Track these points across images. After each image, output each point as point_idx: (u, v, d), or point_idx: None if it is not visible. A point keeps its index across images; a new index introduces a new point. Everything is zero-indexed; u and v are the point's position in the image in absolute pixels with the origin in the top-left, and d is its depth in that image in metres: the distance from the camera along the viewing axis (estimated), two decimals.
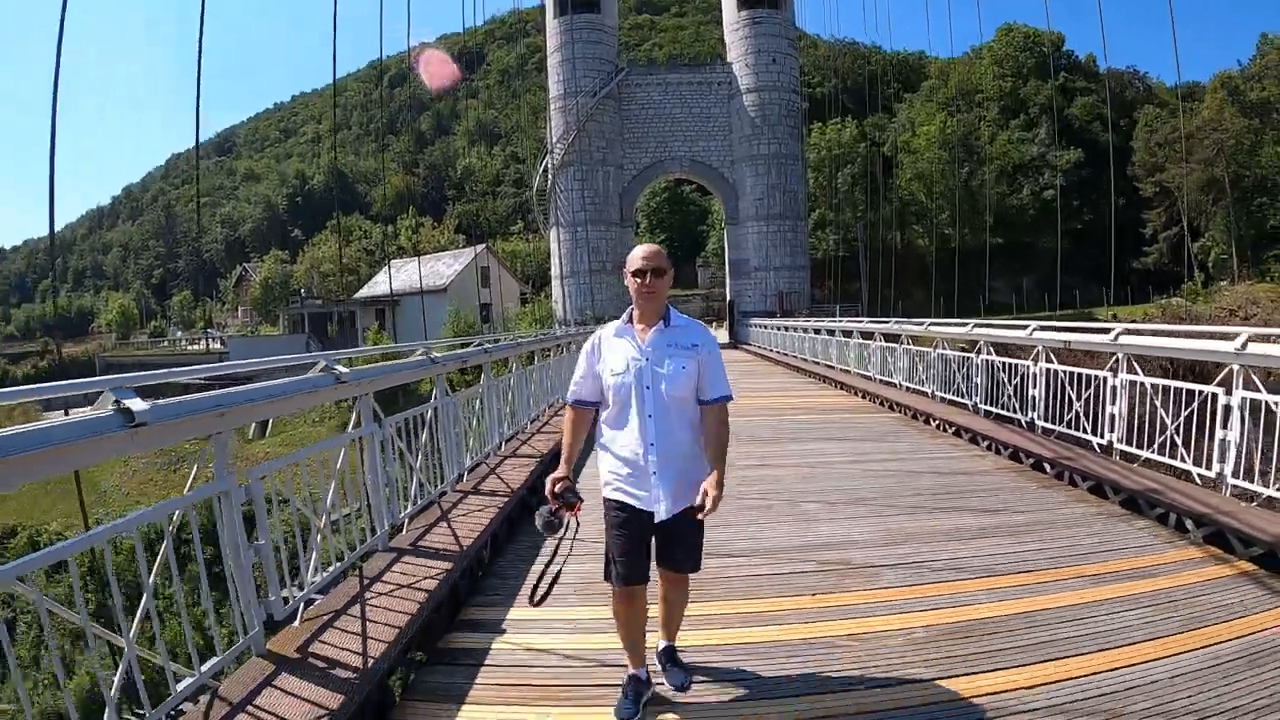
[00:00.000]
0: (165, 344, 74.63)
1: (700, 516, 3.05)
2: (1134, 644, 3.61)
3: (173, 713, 2.91)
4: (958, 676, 3.39)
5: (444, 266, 53.88)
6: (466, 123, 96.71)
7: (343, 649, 3.49)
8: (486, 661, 3.75)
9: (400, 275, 53.99)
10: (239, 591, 3.40)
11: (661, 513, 3.13)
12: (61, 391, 3.19)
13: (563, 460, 3.29)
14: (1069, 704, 3.14)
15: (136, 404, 2.89)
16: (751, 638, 3.91)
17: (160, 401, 3.11)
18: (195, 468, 3.51)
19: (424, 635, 3.95)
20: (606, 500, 3.26)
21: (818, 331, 20.19)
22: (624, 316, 3.31)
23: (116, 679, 2.69)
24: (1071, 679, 3.33)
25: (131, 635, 2.71)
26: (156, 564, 3.00)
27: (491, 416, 8.26)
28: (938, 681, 3.36)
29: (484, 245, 56.91)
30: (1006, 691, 3.25)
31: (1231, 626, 3.76)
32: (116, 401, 2.92)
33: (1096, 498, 6.38)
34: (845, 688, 3.37)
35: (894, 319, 14.95)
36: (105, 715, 2.60)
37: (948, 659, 3.56)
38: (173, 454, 33.89)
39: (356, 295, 57.84)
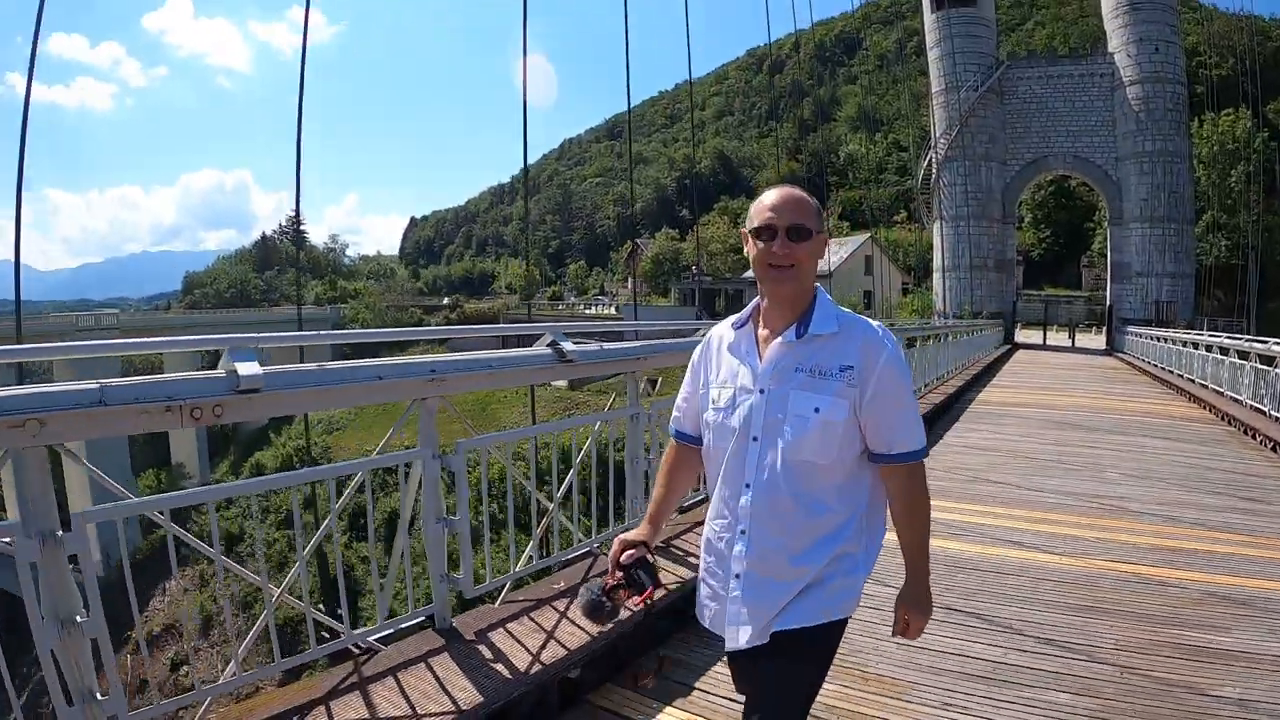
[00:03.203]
0: (562, 306, 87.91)
1: (896, 635, 2.18)
2: None
3: (359, 650, 3.48)
4: None
5: (829, 252, 57.28)
6: (847, 109, 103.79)
7: (524, 640, 3.57)
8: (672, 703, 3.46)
9: None
10: (430, 562, 3.70)
11: (737, 640, 2.11)
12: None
13: (646, 517, 2.38)
14: None
15: (567, 345, 4.26)
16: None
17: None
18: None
19: (610, 654, 3.73)
20: None
21: (1184, 344, 20.17)
22: (746, 310, 2.21)
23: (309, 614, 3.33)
24: None
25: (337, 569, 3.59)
26: (406, 512, 3.77)
27: None
28: None
29: (869, 235, 63.60)
30: None
31: None
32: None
33: None
34: None
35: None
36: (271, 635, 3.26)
37: None
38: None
39: (745, 274, 63.39)
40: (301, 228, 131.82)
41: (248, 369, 2.97)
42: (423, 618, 3.80)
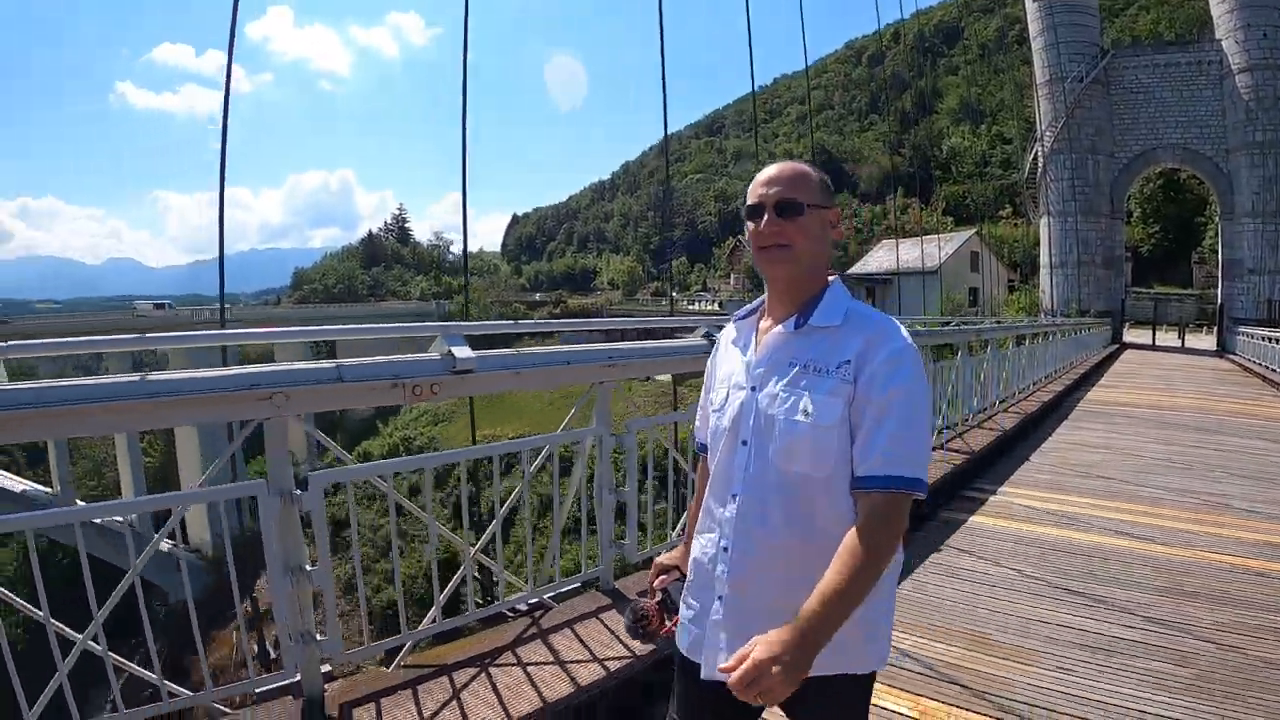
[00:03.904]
0: (664, 302, 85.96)
1: (729, 680, 1.55)
2: None
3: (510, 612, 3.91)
4: None
5: (934, 249, 54.56)
6: (949, 101, 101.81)
7: None
8: None
9: (890, 255, 60.50)
10: (600, 528, 3.98)
11: (713, 672, 1.83)
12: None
13: (686, 532, 2.24)
14: None
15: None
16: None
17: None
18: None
19: None
20: None
21: None
22: (756, 301, 2.04)
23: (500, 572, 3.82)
24: None
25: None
26: (578, 482, 4.26)
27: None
28: None
29: (974, 231, 62.59)
30: None
31: None
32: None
33: None
34: None
35: None
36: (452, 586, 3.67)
37: None
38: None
39: (849, 272, 63.75)
40: (406, 225, 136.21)
41: (462, 352, 3.45)
42: (588, 579, 4.30)
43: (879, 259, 65.19)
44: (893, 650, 3.87)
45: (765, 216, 1.83)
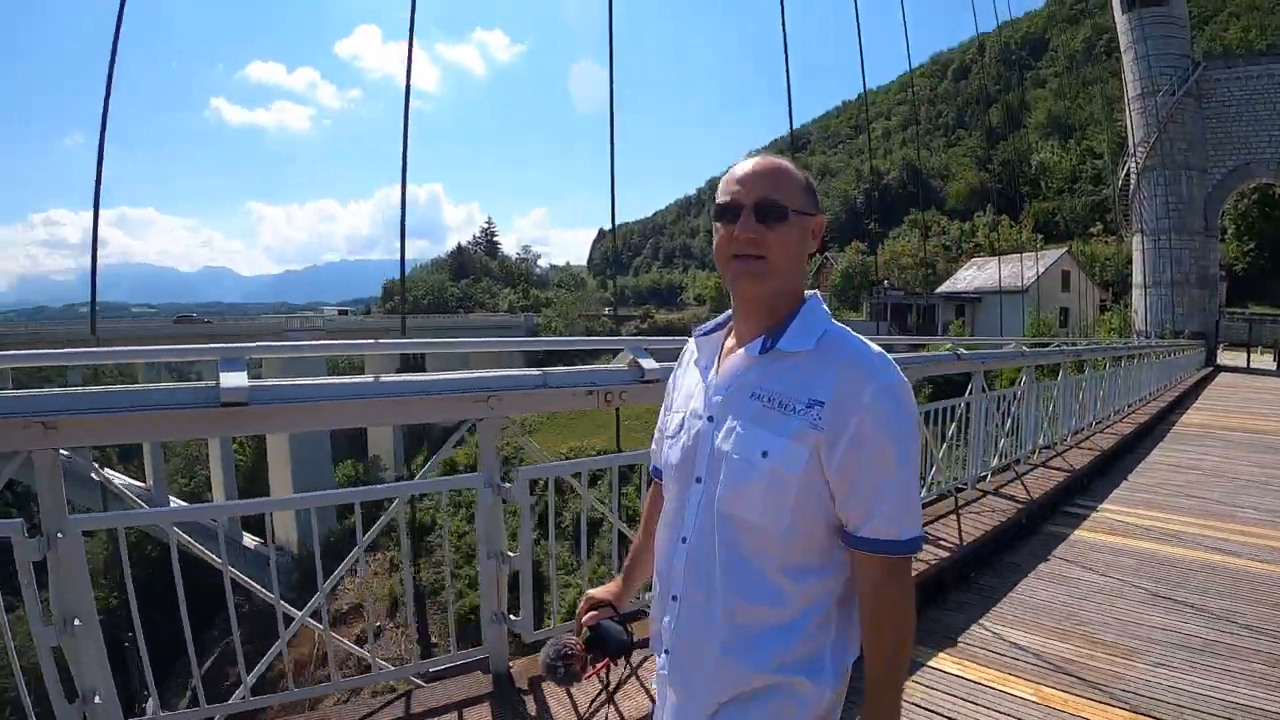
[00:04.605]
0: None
1: None
2: None
3: None
4: None
5: (1024, 267, 53.15)
6: (1037, 115, 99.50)
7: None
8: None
9: (980, 273, 60.96)
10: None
11: None
12: (590, 344, 5.94)
13: (625, 566, 2.10)
14: None
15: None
16: None
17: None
18: None
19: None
20: None
21: None
22: (724, 315, 1.80)
23: None
24: None
25: None
26: None
27: (1029, 420, 9.20)
28: None
29: (1065, 250, 61.30)
30: None
31: None
32: (634, 360, 4.12)
33: None
34: None
35: None
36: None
37: None
38: None
39: (938, 290, 65.32)
40: (495, 238, 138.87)
41: (649, 364, 3.82)
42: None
43: (968, 277, 64.84)
44: (1013, 645, 4.51)
45: (741, 219, 1.58)
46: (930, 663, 4.31)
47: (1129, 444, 11.91)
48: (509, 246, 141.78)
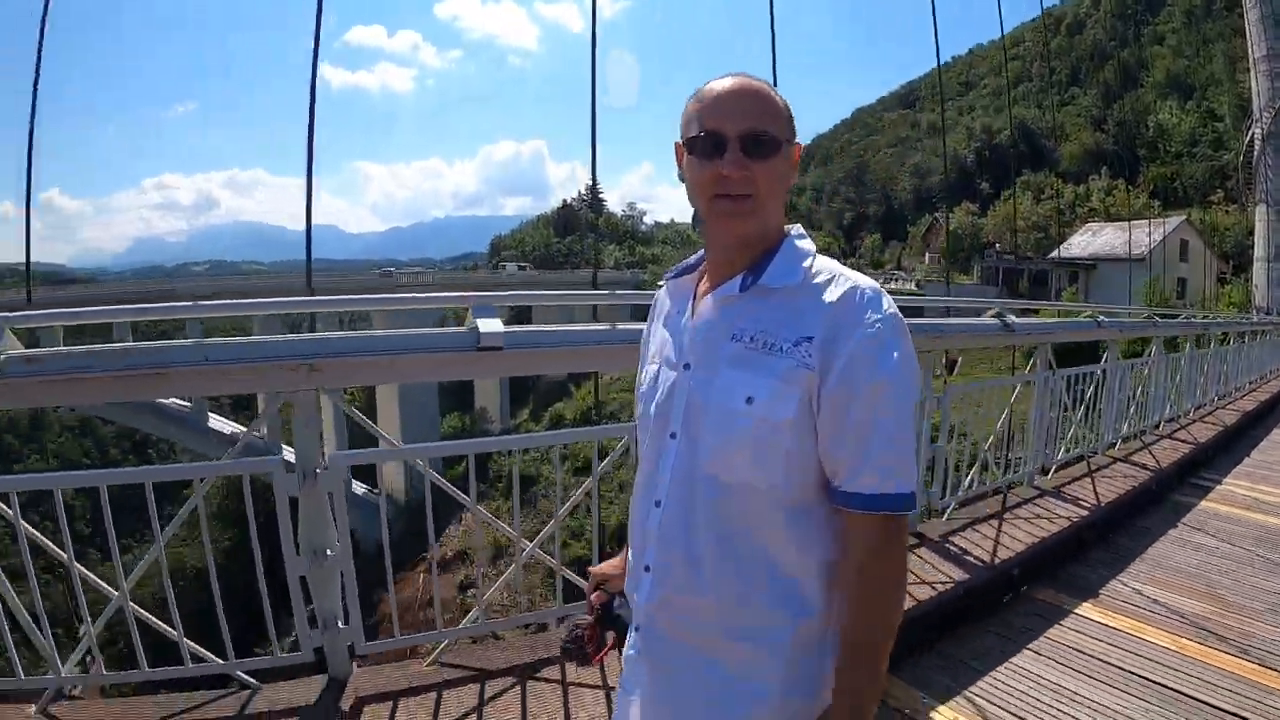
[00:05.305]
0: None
1: None
2: None
3: None
4: None
5: (1142, 235, 51.85)
6: (1154, 74, 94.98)
7: (975, 545, 4.98)
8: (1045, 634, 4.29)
9: (1095, 239, 59.72)
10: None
11: (625, 712, 1.59)
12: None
13: (629, 545, 1.68)
14: None
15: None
16: None
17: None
18: None
19: (1033, 564, 4.95)
20: None
21: None
22: (695, 255, 1.63)
23: None
24: None
25: None
26: None
27: (1155, 393, 9.09)
28: None
29: (1183, 218, 58.52)
30: None
31: None
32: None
33: None
34: None
35: None
36: None
37: None
38: None
39: (1050, 255, 61.87)
40: (600, 195, 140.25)
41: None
42: None
43: (1082, 243, 63.24)
44: (1151, 600, 4.75)
45: (728, 153, 1.38)
46: (1077, 610, 4.62)
47: (1251, 421, 11.66)
48: (615, 203, 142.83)
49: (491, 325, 3.16)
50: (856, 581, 1.36)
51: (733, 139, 1.38)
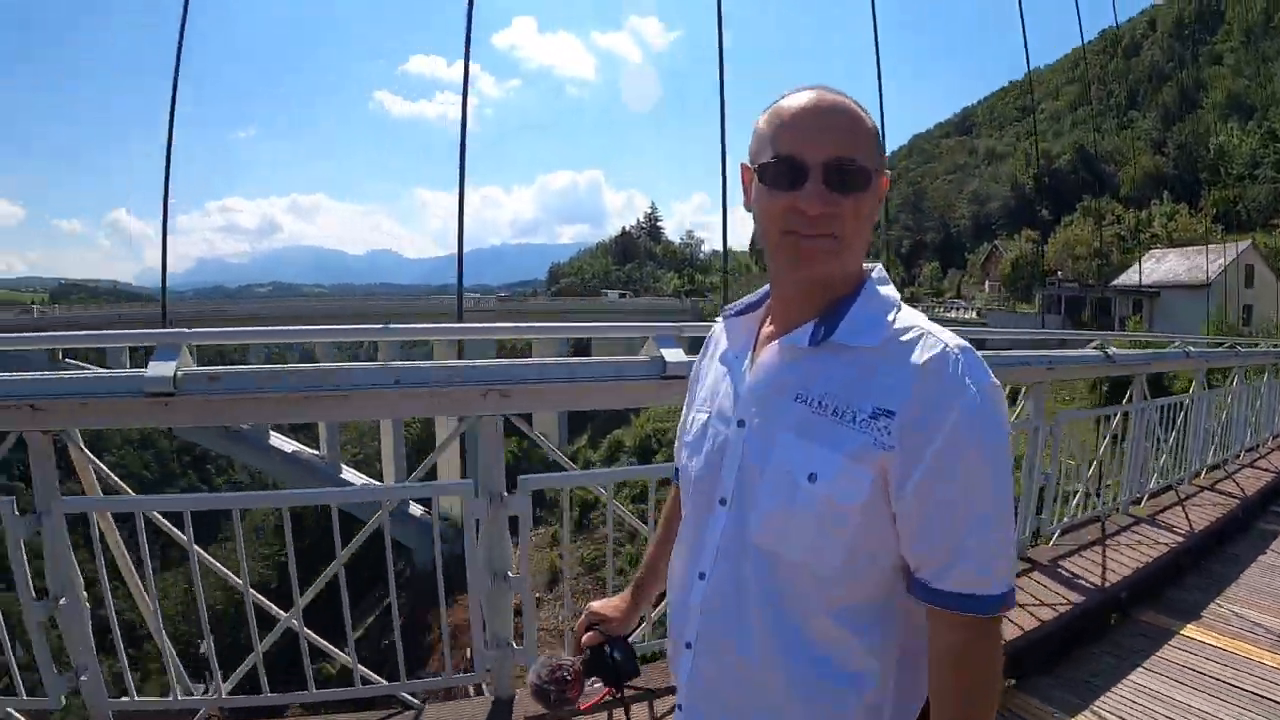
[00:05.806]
0: (921, 309, 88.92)
1: None
2: None
3: None
4: None
5: (1205, 260, 50.16)
6: (1213, 95, 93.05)
7: (1084, 570, 5.21)
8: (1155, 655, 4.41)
9: (1160, 266, 58.23)
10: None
11: None
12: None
13: (635, 579, 1.75)
14: None
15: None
16: None
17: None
18: None
19: (1137, 588, 5.12)
20: None
21: None
22: (759, 292, 1.43)
23: None
24: None
25: None
26: None
27: (1238, 421, 9.25)
28: None
29: (1248, 242, 56.41)
30: None
31: None
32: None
33: None
34: None
35: None
36: None
37: None
38: None
39: (1114, 283, 61.17)
40: (658, 223, 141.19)
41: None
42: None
43: (1147, 270, 60.60)
44: (1252, 623, 4.88)
45: (809, 183, 1.17)
46: (1182, 631, 4.75)
47: None
48: (671, 232, 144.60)
49: (675, 355, 3.27)
50: (942, 691, 1.19)
51: (815, 168, 1.17)
